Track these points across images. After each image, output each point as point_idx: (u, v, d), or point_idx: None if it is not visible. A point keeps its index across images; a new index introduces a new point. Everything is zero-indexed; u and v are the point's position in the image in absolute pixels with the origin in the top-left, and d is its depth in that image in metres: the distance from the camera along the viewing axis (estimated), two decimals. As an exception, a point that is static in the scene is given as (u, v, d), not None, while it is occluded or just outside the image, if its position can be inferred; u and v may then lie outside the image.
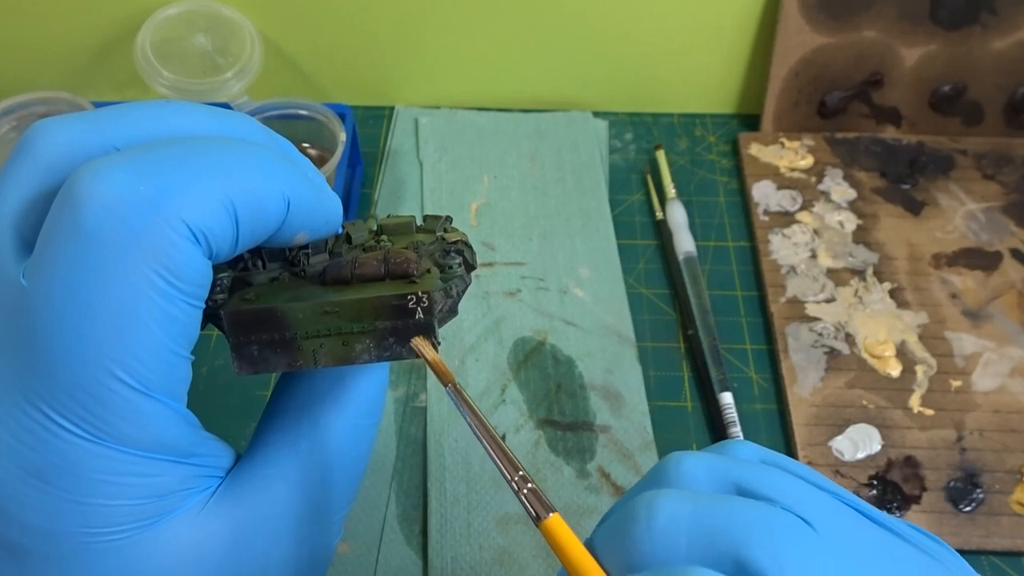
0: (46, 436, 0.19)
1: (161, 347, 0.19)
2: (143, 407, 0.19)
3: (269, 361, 0.22)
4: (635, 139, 0.60)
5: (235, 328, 0.22)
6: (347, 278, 0.22)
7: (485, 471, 0.41)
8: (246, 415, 0.44)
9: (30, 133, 0.20)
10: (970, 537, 0.40)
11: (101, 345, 0.18)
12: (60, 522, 0.19)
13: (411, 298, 0.21)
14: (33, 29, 0.57)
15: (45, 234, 0.19)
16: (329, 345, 0.22)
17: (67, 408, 0.19)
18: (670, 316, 0.50)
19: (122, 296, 0.18)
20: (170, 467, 0.20)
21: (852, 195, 0.55)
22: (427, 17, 0.57)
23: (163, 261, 0.19)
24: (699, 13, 0.56)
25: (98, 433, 0.19)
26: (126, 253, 0.18)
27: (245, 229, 0.20)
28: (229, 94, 0.52)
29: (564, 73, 0.60)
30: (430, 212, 0.53)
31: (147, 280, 0.19)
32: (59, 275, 0.18)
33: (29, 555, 0.19)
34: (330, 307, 0.21)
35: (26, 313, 0.19)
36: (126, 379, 0.19)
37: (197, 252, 0.19)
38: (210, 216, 0.19)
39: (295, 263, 0.23)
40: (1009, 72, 0.56)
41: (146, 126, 0.21)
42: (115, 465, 0.19)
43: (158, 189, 0.19)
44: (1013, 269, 0.51)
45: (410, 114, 0.60)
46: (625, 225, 0.54)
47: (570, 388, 0.45)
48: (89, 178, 0.18)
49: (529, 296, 0.49)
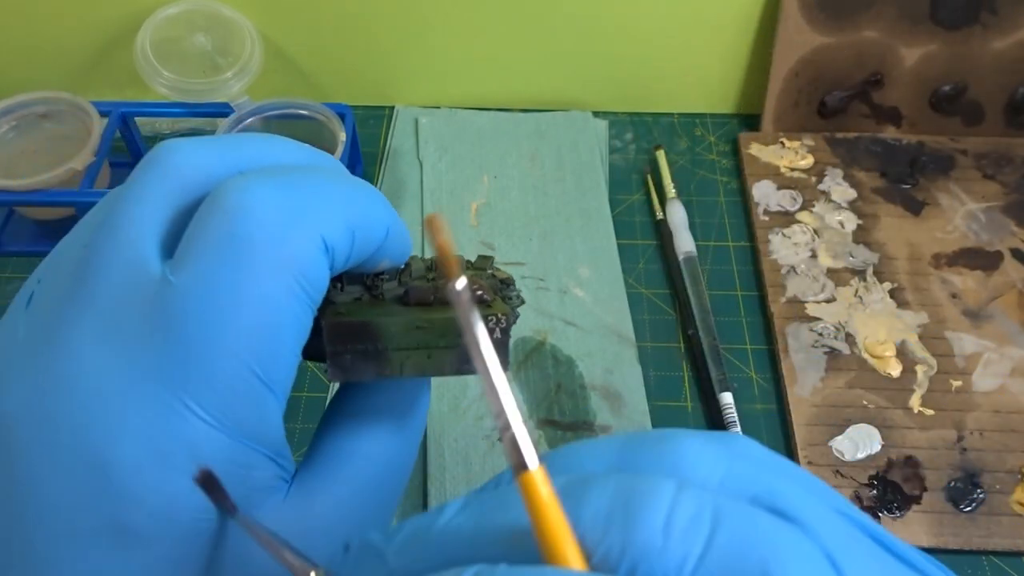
0: (178, 423, 0.20)
1: (289, 348, 0.21)
2: (267, 402, 0.21)
3: (360, 370, 0.24)
4: (635, 139, 0.60)
5: (334, 338, 0.23)
6: (429, 300, 0.25)
7: (485, 471, 0.41)
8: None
9: (161, 152, 0.22)
10: (970, 537, 0.40)
11: (242, 340, 0.20)
12: (179, 507, 0.20)
13: (492, 319, 0.24)
14: (33, 29, 0.57)
15: (193, 238, 0.20)
16: (415, 357, 0.24)
17: (205, 398, 0.20)
18: (670, 316, 0.50)
19: (265, 296, 0.20)
20: (269, 463, 0.22)
21: (852, 195, 0.55)
22: (427, 17, 0.57)
23: (301, 268, 0.21)
24: (699, 13, 0.56)
25: (227, 423, 0.20)
26: (271, 258, 0.20)
27: (357, 248, 0.22)
28: (229, 94, 0.52)
29: (564, 73, 0.60)
30: (430, 212, 0.53)
31: (287, 284, 0.20)
32: (209, 273, 0.20)
33: (145, 539, 0.20)
34: (422, 323, 0.24)
35: (172, 306, 0.20)
36: (260, 373, 0.20)
37: (325, 263, 0.21)
38: (338, 233, 0.21)
39: (373, 288, 0.26)
40: (1009, 72, 0.56)
41: (260, 155, 0.23)
42: (235, 455, 0.20)
43: (301, 204, 0.21)
44: (1013, 269, 0.51)
45: (410, 114, 0.60)
46: (625, 225, 0.54)
47: (570, 388, 0.45)
48: (238, 191, 0.20)
49: (529, 296, 0.49)
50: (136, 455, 0.20)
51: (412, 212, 0.54)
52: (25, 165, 0.51)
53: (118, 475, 0.20)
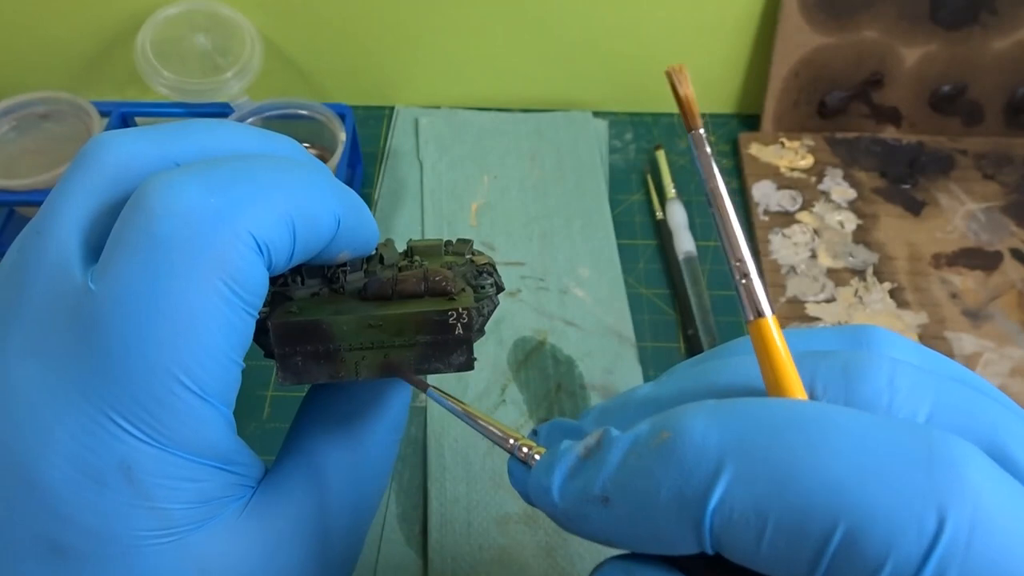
0: (107, 438, 0.19)
1: (222, 354, 0.20)
2: (201, 412, 0.20)
3: (312, 372, 0.23)
4: (635, 139, 0.60)
5: (281, 339, 0.22)
6: (388, 294, 0.23)
7: (485, 471, 0.41)
8: (245, 416, 0.44)
9: (92, 145, 0.21)
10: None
11: (166, 349, 0.19)
12: (112, 524, 0.19)
13: (452, 314, 0.22)
14: (33, 29, 0.57)
15: (114, 241, 0.19)
16: (371, 358, 0.23)
17: (129, 410, 0.19)
18: (670, 316, 0.50)
19: (189, 302, 0.19)
20: (215, 473, 0.21)
21: (852, 195, 0.55)
22: (427, 17, 0.57)
23: (229, 270, 0.19)
24: (699, 13, 0.56)
25: (158, 436, 0.19)
26: (195, 261, 0.19)
27: (300, 244, 0.21)
28: (229, 94, 0.52)
29: (564, 73, 0.60)
30: (430, 212, 0.53)
31: (214, 288, 0.19)
32: (129, 279, 0.19)
33: (77, 557, 0.19)
34: (374, 321, 0.22)
35: (93, 316, 0.19)
36: (189, 384, 0.19)
37: (260, 263, 0.20)
38: (273, 229, 0.20)
39: (334, 280, 0.24)
40: (1009, 72, 0.56)
41: (203, 143, 0.22)
42: (170, 469, 0.19)
43: (228, 201, 0.19)
44: (1013, 269, 0.51)
45: (410, 114, 0.60)
46: (625, 225, 0.54)
47: (570, 388, 0.45)
48: (162, 188, 0.19)
49: (529, 296, 0.49)
50: (65, 472, 0.19)
51: (412, 212, 0.54)
52: (25, 165, 0.51)
53: (47, 493, 0.19)
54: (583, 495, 0.18)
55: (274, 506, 0.22)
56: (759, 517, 0.15)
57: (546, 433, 0.22)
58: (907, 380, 0.18)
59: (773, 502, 0.15)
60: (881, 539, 0.14)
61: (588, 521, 0.18)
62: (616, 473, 0.17)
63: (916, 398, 0.18)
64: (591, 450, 0.18)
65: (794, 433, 0.16)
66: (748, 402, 0.17)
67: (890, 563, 0.14)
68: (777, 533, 0.15)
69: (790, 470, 0.15)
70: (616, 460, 0.18)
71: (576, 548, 0.39)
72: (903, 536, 0.14)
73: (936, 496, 0.14)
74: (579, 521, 0.18)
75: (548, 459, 0.19)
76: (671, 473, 0.16)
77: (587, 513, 0.18)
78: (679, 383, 0.20)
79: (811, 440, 0.15)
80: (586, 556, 0.39)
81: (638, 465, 0.17)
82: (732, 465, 0.16)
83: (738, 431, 0.16)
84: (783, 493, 0.15)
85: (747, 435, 0.16)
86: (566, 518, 0.19)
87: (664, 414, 0.18)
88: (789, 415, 0.16)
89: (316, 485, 0.23)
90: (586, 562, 0.39)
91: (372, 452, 0.25)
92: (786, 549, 0.15)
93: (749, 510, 0.15)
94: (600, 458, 0.18)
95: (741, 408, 0.17)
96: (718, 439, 0.16)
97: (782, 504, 0.15)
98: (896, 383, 0.18)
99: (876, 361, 0.18)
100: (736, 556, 0.16)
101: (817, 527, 0.15)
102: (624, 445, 0.18)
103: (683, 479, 0.16)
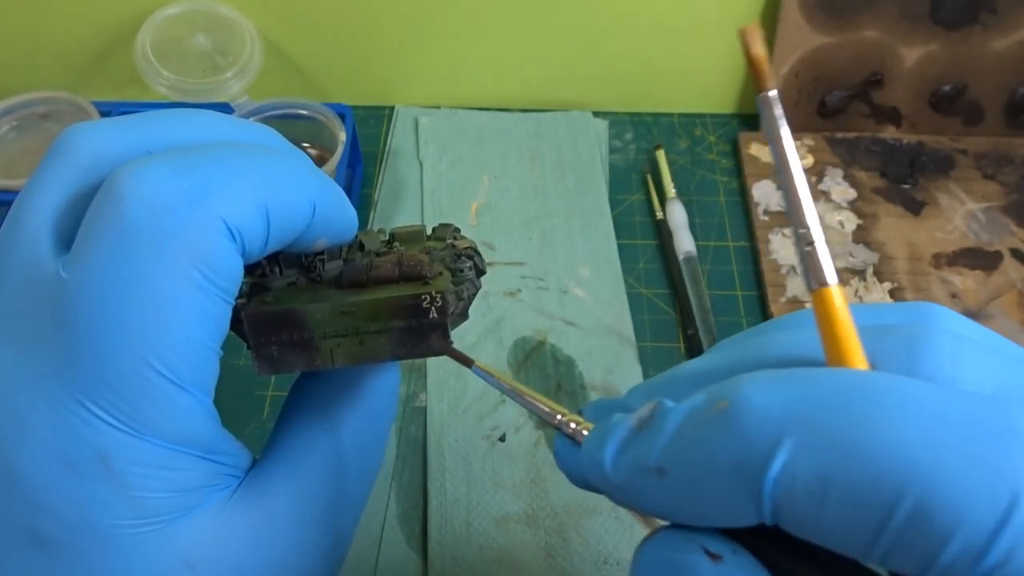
0: (82, 426, 0.19)
1: (196, 341, 0.20)
2: (176, 399, 0.20)
3: (288, 361, 0.22)
4: (635, 139, 0.60)
5: (255, 329, 0.22)
6: (362, 280, 0.23)
7: (485, 471, 0.41)
8: (245, 415, 0.44)
9: (65, 136, 0.21)
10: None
11: (139, 336, 0.19)
12: (90, 513, 0.19)
13: (425, 298, 0.22)
14: (33, 29, 0.57)
15: (86, 229, 0.19)
16: (346, 345, 0.22)
17: (104, 398, 0.19)
18: (670, 316, 0.50)
19: (161, 288, 0.19)
20: (196, 462, 0.21)
21: (852, 195, 0.55)
22: (427, 17, 0.57)
23: (202, 256, 0.19)
24: (699, 13, 0.56)
25: (133, 424, 0.19)
26: (167, 247, 0.19)
27: (275, 230, 0.21)
28: (229, 94, 0.52)
29: (564, 73, 0.60)
30: (430, 212, 0.53)
31: (186, 274, 0.19)
32: (100, 267, 0.19)
33: (56, 546, 0.19)
34: (347, 308, 0.22)
35: (66, 304, 0.19)
36: (162, 370, 0.19)
37: (233, 249, 0.20)
38: (246, 216, 0.20)
39: (311, 269, 0.24)
40: (1009, 72, 0.56)
41: (177, 132, 0.22)
42: (146, 457, 0.19)
43: (199, 187, 0.19)
44: (1013, 269, 0.51)
45: (410, 114, 0.60)
46: (625, 225, 0.54)
47: (570, 388, 0.45)
48: (132, 175, 0.19)
49: (529, 296, 0.49)
50: (41, 460, 0.19)
51: (412, 212, 0.54)
52: (25, 165, 0.51)
53: (25, 482, 0.19)
54: (637, 467, 0.18)
55: (260, 496, 0.22)
56: (822, 486, 0.15)
57: (591, 412, 0.22)
58: (971, 356, 0.17)
59: (838, 471, 0.15)
60: (950, 511, 0.14)
61: (642, 494, 0.18)
62: (671, 443, 0.17)
63: (981, 374, 0.17)
64: (644, 421, 0.18)
65: (862, 401, 0.15)
66: (811, 371, 0.17)
67: (959, 536, 0.14)
68: (841, 503, 0.15)
69: (857, 438, 0.15)
70: (671, 430, 0.17)
71: (576, 548, 0.39)
72: (974, 509, 0.14)
73: (1012, 470, 0.14)
74: (633, 494, 0.18)
75: (600, 432, 0.19)
76: (730, 442, 0.16)
77: (641, 486, 0.18)
78: (730, 357, 0.20)
79: (881, 409, 0.15)
80: (586, 556, 0.39)
81: (695, 435, 0.17)
82: (795, 433, 0.15)
83: (802, 399, 0.16)
84: (849, 462, 0.15)
85: (812, 403, 0.16)
86: (620, 492, 0.18)
87: (721, 384, 0.17)
88: (856, 383, 0.16)
89: (300, 474, 0.23)
90: (586, 562, 0.39)
91: (353, 440, 0.24)
92: (849, 519, 0.15)
93: (812, 479, 0.15)
94: (655, 428, 0.18)
95: (804, 376, 0.16)
96: (781, 407, 0.16)
97: (848, 473, 0.15)
98: (960, 359, 0.17)
99: (939, 336, 0.18)
100: (795, 527, 0.16)
101: (884, 497, 0.14)
102: (679, 416, 0.17)
103: (743, 448, 0.16)
